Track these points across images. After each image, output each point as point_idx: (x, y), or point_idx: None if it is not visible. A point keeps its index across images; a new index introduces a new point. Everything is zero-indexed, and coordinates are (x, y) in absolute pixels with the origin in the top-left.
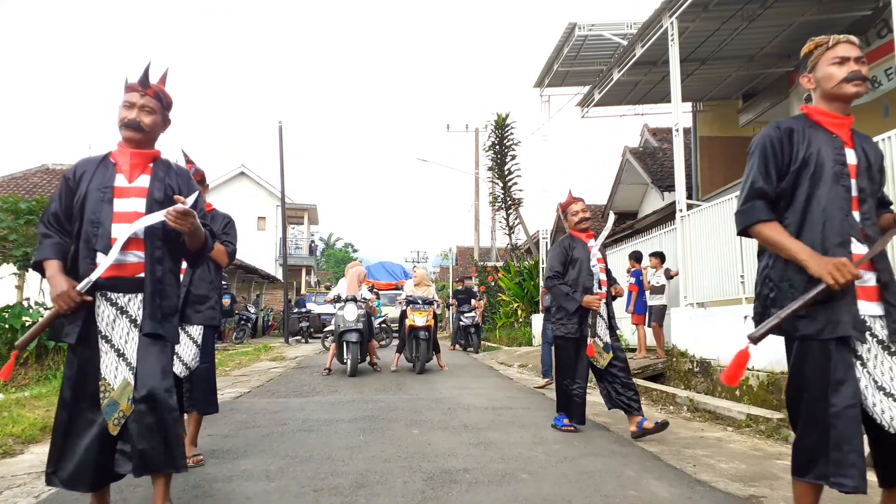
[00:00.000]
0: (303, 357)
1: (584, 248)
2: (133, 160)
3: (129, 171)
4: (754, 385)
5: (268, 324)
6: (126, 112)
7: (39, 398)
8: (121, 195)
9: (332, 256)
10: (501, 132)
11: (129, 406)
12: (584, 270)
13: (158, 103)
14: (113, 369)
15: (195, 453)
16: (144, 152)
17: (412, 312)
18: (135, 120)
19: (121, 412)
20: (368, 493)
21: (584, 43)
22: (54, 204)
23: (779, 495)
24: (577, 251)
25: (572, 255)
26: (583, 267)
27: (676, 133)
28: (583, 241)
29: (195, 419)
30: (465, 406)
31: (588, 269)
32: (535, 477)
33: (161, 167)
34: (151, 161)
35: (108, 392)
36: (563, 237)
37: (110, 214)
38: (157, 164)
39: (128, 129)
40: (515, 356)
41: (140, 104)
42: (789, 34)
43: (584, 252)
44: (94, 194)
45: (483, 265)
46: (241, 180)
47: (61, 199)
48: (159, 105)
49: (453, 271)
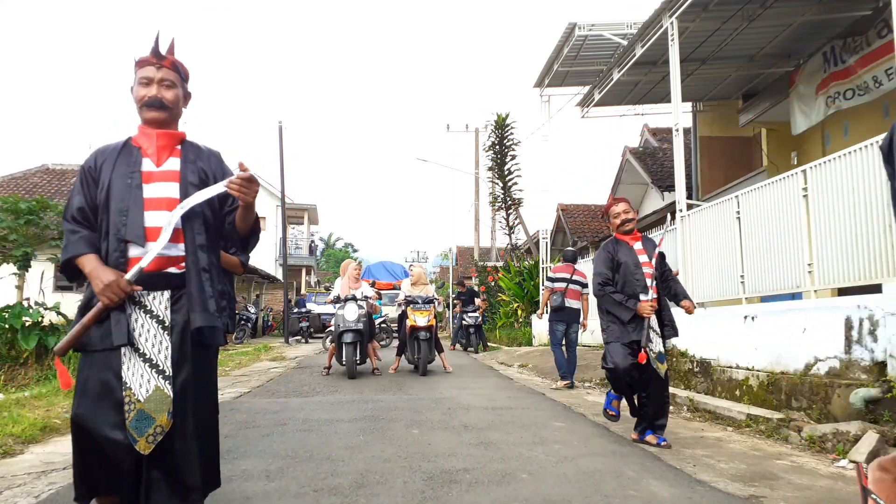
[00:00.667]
0: (303, 357)
1: (629, 252)
2: (160, 142)
3: (157, 154)
4: (754, 385)
5: (268, 324)
6: (144, 90)
7: (39, 398)
8: (150, 180)
9: (332, 256)
10: (501, 132)
11: (168, 420)
12: (629, 275)
13: (177, 75)
14: (139, 377)
15: None
16: (171, 133)
17: (413, 312)
18: (156, 97)
19: (158, 427)
20: (368, 493)
21: (584, 43)
22: (77, 198)
23: (779, 495)
24: (623, 254)
25: (617, 259)
26: (628, 271)
27: (676, 133)
28: (627, 244)
29: None
30: (465, 406)
31: (633, 273)
32: (535, 477)
33: (191, 149)
34: (179, 143)
35: (133, 405)
36: (608, 241)
37: (140, 201)
38: (185, 145)
39: (150, 108)
40: (515, 356)
41: (158, 78)
42: (789, 34)
43: (629, 255)
44: (119, 182)
45: (483, 265)
46: None
47: (84, 192)
48: (178, 77)
49: (453, 271)
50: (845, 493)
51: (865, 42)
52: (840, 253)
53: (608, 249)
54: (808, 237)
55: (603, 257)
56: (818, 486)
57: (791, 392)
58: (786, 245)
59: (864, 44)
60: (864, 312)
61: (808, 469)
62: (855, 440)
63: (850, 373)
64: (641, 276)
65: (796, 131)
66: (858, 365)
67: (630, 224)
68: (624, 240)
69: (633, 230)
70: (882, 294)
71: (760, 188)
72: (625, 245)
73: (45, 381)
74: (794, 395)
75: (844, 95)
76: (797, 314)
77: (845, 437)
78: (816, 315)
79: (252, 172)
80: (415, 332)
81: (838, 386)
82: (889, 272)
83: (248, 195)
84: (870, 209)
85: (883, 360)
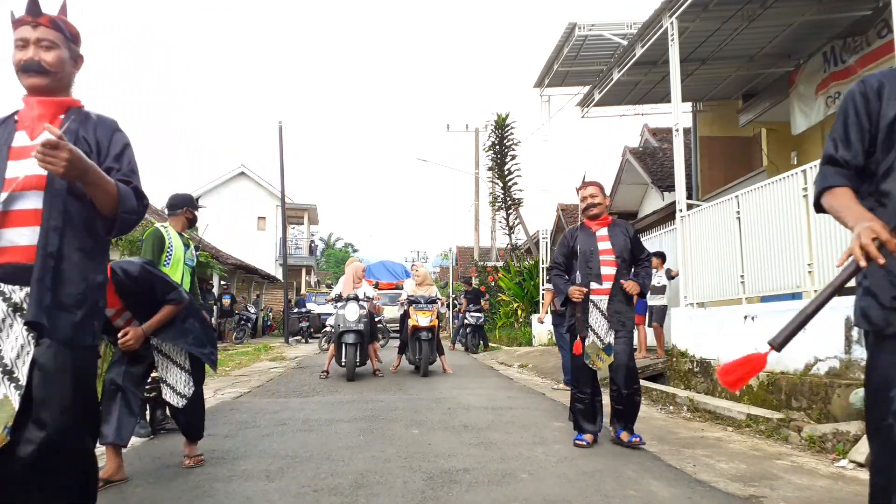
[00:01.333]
0: (303, 357)
1: (589, 238)
2: (37, 111)
3: (32, 125)
4: (754, 385)
5: (268, 324)
6: (20, 53)
7: None
8: (17, 156)
9: (332, 256)
10: (501, 132)
11: (4, 437)
12: (584, 262)
13: (59, 34)
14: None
15: (196, 453)
16: (53, 101)
17: (415, 312)
18: (32, 59)
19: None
20: (368, 493)
21: (584, 43)
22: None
23: (779, 495)
24: (581, 241)
25: (574, 246)
26: (584, 258)
27: (676, 133)
28: (591, 229)
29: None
30: (465, 406)
31: (588, 260)
32: (535, 477)
33: (76, 118)
34: (63, 111)
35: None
36: (573, 226)
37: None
38: (70, 114)
39: (27, 73)
40: (515, 356)
41: (35, 39)
42: (789, 34)
43: (589, 242)
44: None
45: (483, 265)
46: (241, 180)
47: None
48: (61, 37)
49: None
50: (845, 493)
51: (865, 42)
52: (840, 253)
53: (566, 235)
54: (808, 237)
55: (560, 242)
56: (818, 486)
57: (791, 392)
58: (786, 245)
59: (864, 44)
60: None
61: (808, 469)
62: (855, 440)
63: (850, 373)
64: (596, 264)
65: (796, 131)
66: (858, 365)
67: (595, 209)
68: (589, 225)
69: (599, 215)
70: None
71: (760, 188)
72: (587, 231)
73: None
74: (794, 395)
75: None
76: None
77: (845, 437)
78: (816, 315)
79: (57, 136)
80: (417, 332)
81: (838, 386)
82: None
83: (54, 164)
84: None
85: None
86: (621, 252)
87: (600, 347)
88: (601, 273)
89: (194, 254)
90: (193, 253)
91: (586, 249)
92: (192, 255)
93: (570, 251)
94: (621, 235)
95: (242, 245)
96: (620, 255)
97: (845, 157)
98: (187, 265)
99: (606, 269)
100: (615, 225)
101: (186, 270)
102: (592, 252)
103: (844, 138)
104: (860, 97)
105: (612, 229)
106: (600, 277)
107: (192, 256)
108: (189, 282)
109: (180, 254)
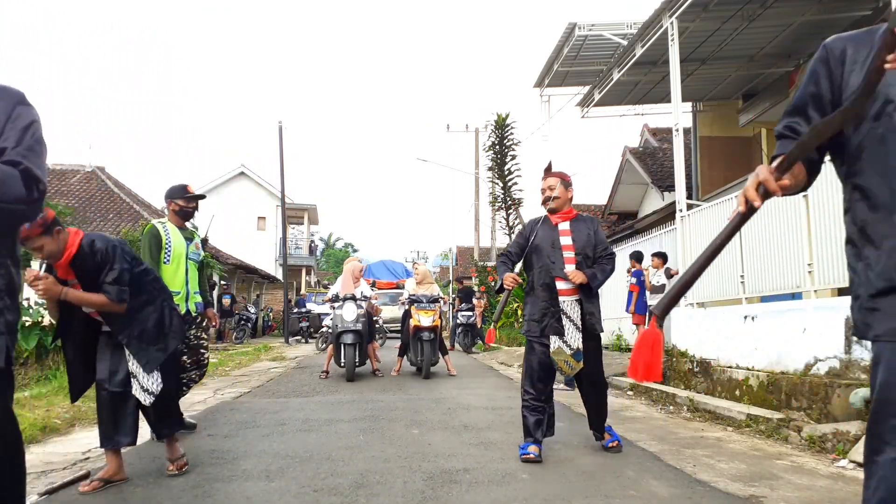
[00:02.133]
0: (303, 357)
1: (549, 231)
2: None
3: None
4: (754, 385)
5: (267, 324)
6: None
7: (39, 398)
8: None
9: (332, 256)
10: (501, 132)
11: None
12: (545, 256)
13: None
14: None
15: (179, 456)
16: None
17: (417, 312)
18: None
19: None
20: (368, 493)
21: (584, 43)
22: None
23: (778, 495)
24: (540, 235)
25: (533, 241)
26: (544, 252)
27: (676, 133)
28: (551, 222)
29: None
30: (465, 406)
31: (550, 254)
32: (535, 477)
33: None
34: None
35: None
36: (534, 218)
37: None
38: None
39: None
40: (515, 356)
41: None
42: (789, 34)
43: (548, 235)
44: None
45: (483, 265)
46: (241, 180)
47: None
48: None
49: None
50: (845, 493)
51: None
52: (840, 253)
53: (526, 225)
54: (808, 237)
55: (518, 232)
56: (818, 486)
57: (791, 392)
58: (786, 245)
59: None
60: None
61: (808, 469)
62: (855, 440)
63: (850, 373)
64: (559, 259)
65: None
66: (858, 365)
67: (552, 203)
68: (551, 218)
69: (556, 209)
70: None
71: None
72: (547, 224)
73: (44, 381)
74: (794, 395)
75: None
76: (797, 314)
77: (845, 437)
78: (816, 315)
79: None
80: (418, 333)
81: (838, 386)
82: None
83: None
84: None
85: None
86: (583, 248)
87: (568, 353)
88: (563, 268)
89: (200, 247)
90: (199, 246)
91: (545, 244)
92: (197, 248)
93: (526, 242)
94: (584, 230)
95: (242, 245)
96: (582, 251)
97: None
98: (191, 259)
99: (568, 266)
100: (579, 220)
101: (191, 265)
102: (556, 246)
103: (803, 110)
104: (821, 65)
105: (574, 224)
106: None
107: (198, 250)
108: (195, 277)
109: (181, 249)
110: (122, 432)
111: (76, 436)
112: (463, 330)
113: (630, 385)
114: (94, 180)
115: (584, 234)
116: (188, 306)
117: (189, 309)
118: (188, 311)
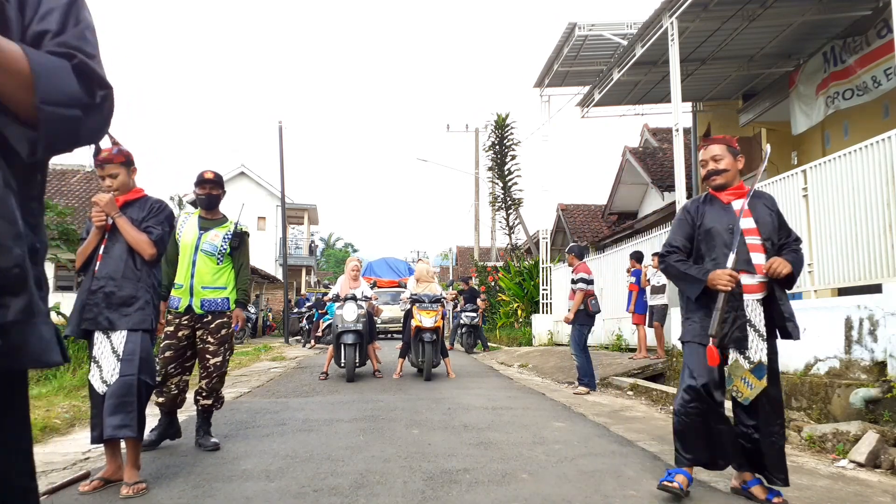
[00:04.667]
0: (303, 357)
1: (721, 213)
2: None
3: None
4: None
5: (267, 324)
6: None
7: (39, 398)
8: None
9: (332, 256)
10: (501, 132)
11: None
12: (724, 245)
13: None
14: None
15: (137, 480)
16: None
17: (419, 312)
18: None
19: None
20: (368, 493)
21: (584, 43)
22: None
23: None
24: (711, 217)
25: (703, 225)
26: (721, 241)
27: (676, 133)
28: (721, 201)
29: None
30: (465, 406)
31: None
32: (535, 477)
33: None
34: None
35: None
36: (694, 198)
37: None
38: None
39: None
40: (515, 356)
41: None
42: (789, 34)
43: (722, 218)
44: None
45: (483, 265)
46: (241, 180)
47: None
48: None
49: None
50: (845, 493)
51: (865, 42)
52: (840, 253)
53: (688, 209)
54: (808, 237)
55: (679, 219)
56: (818, 486)
57: (791, 392)
58: None
59: (864, 44)
60: (864, 312)
61: (808, 469)
62: (855, 440)
63: (850, 373)
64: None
65: (796, 131)
66: (858, 365)
67: (718, 178)
68: (718, 197)
69: (724, 185)
70: (882, 294)
71: (760, 188)
72: (718, 203)
73: (45, 381)
74: (794, 395)
75: (843, 95)
76: (797, 314)
77: (845, 437)
78: (816, 315)
79: None
80: (420, 334)
81: (838, 386)
82: (889, 272)
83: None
84: (869, 209)
85: (883, 359)
86: (769, 234)
87: (747, 368)
88: (752, 261)
89: (219, 238)
90: (218, 236)
91: (720, 229)
92: (214, 239)
93: (692, 229)
94: (765, 211)
95: None
96: (769, 237)
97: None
98: (204, 251)
99: (755, 256)
100: (756, 196)
101: (201, 257)
102: (733, 232)
103: None
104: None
105: (752, 203)
106: (752, 266)
107: (213, 242)
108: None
109: (190, 238)
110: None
111: (76, 436)
112: (467, 330)
113: (630, 385)
114: (95, 180)
115: (766, 215)
116: (191, 302)
117: (192, 305)
118: (190, 308)
